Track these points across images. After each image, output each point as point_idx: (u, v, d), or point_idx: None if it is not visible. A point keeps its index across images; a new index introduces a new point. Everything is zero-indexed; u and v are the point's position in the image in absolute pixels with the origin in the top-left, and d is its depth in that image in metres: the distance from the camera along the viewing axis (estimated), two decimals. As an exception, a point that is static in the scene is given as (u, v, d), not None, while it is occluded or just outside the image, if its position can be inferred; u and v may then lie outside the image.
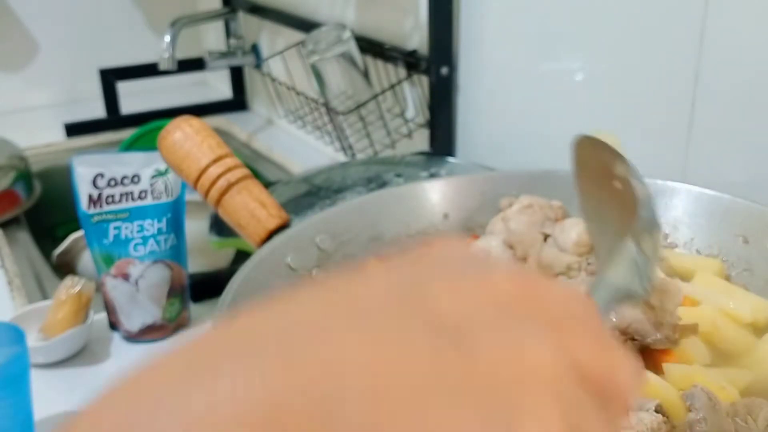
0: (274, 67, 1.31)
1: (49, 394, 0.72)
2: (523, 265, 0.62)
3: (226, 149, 0.66)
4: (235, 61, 1.62)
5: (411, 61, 1.08)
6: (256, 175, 0.65)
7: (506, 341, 0.21)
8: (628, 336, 0.49)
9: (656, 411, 0.43)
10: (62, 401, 0.71)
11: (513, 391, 0.20)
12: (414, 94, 1.08)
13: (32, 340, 0.77)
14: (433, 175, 0.92)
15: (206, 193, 0.64)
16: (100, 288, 0.80)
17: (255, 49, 1.63)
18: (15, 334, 0.63)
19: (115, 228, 0.77)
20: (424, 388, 0.19)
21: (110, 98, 1.60)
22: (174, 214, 0.79)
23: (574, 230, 0.61)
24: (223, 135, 1.60)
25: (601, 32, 0.86)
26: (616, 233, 0.38)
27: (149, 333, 0.80)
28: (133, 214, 0.77)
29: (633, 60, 0.83)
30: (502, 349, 0.21)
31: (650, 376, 0.48)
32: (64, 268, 1.03)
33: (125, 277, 0.78)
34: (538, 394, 0.20)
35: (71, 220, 0.86)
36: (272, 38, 1.57)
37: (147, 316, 0.79)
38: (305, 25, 1.32)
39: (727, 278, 0.62)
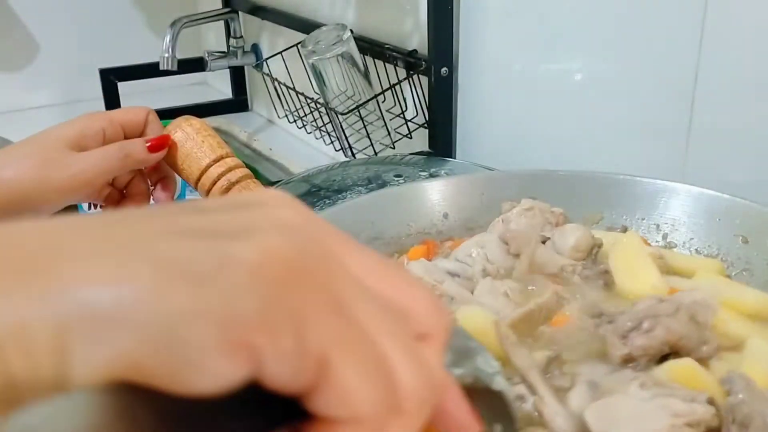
0: (275, 67, 1.31)
1: (50, 393, 0.72)
2: (515, 261, 0.61)
3: (226, 149, 0.66)
4: (235, 62, 1.62)
5: (411, 61, 1.08)
6: (256, 175, 0.66)
7: (254, 208, 0.21)
8: (675, 349, 0.49)
9: (709, 403, 0.43)
10: (63, 401, 0.71)
11: (244, 229, 0.20)
12: (414, 94, 1.09)
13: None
14: (433, 175, 0.92)
15: (207, 193, 0.64)
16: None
17: (255, 50, 1.63)
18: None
19: (116, 228, 0.77)
20: (151, 229, 0.20)
21: (111, 98, 1.60)
22: (174, 213, 0.79)
23: (573, 235, 0.61)
24: (224, 135, 1.60)
25: (601, 32, 0.86)
26: None
27: (150, 332, 0.80)
28: (133, 214, 0.77)
29: (633, 60, 0.83)
30: (247, 211, 0.21)
31: (694, 365, 0.49)
32: (65, 267, 1.03)
33: (126, 276, 0.78)
34: (270, 228, 0.20)
35: (72, 220, 0.86)
36: (272, 39, 1.57)
37: (147, 315, 0.80)
38: (305, 25, 1.32)
39: (728, 278, 0.62)
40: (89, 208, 0.77)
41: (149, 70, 1.58)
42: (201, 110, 1.64)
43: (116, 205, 0.65)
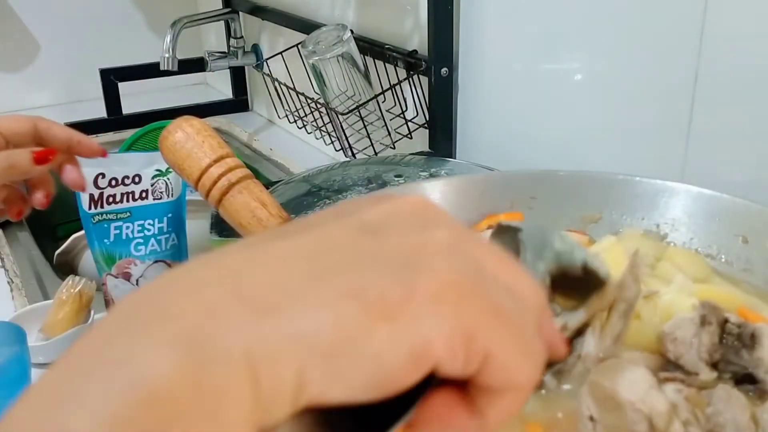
0: (275, 67, 1.31)
1: (51, 393, 0.72)
2: None
3: (227, 149, 0.66)
4: (236, 62, 1.62)
5: (411, 61, 1.08)
6: (257, 175, 0.66)
7: (416, 232, 0.24)
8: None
9: None
10: (63, 400, 0.71)
11: (415, 257, 0.23)
12: (414, 94, 1.09)
13: (33, 339, 0.78)
14: (433, 175, 0.92)
15: (207, 193, 0.64)
16: (101, 288, 0.81)
17: (255, 50, 1.63)
18: (16, 333, 0.63)
19: (116, 228, 0.77)
20: (343, 259, 0.23)
21: (111, 98, 1.60)
22: (175, 213, 0.79)
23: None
24: (224, 135, 1.61)
25: (601, 32, 0.86)
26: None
27: (150, 332, 0.80)
28: (134, 214, 0.77)
29: (633, 60, 0.83)
30: (411, 235, 0.24)
31: None
32: (65, 267, 1.03)
33: (126, 276, 0.78)
34: (435, 255, 0.23)
35: (72, 220, 0.87)
36: (273, 39, 1.57)
37: (148, 315, 0.80)
38: (305, 25, 1.32)
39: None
40: None
41: (149, 70, 1.58)
42: (201, 110, 1.64)
43: None
